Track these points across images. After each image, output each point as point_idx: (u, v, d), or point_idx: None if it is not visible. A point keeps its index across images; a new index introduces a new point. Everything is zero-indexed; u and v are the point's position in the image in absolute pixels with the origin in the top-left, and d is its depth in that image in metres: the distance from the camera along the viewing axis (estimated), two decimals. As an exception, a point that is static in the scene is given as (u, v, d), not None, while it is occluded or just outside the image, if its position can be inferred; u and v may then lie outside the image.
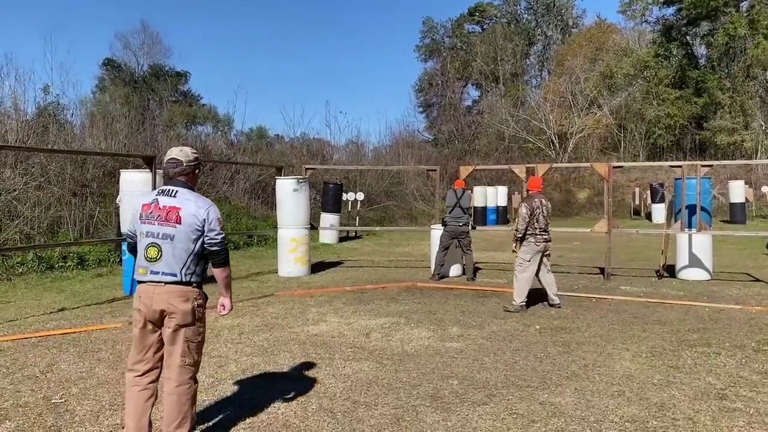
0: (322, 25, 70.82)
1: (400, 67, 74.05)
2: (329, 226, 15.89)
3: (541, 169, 10.35)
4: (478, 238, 14.51)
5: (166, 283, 3.16)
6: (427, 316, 6.89)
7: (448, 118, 41.24)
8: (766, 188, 23.56)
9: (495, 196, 23.14)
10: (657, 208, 23.51)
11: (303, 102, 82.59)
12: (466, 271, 9.79)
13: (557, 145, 34.84)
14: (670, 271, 9.86)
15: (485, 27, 47.41)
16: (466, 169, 11.11)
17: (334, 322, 6.54)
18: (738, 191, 21.60)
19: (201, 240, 3.21)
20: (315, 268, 10.73)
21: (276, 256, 10.53)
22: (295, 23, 70.11)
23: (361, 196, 19.38)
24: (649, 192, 25.32)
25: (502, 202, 23.58)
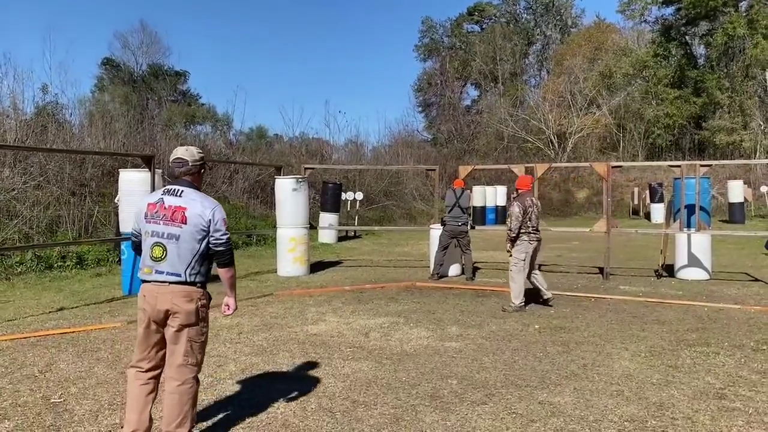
0: (322, 25, 70.89)
1: (400, 66, 74.11)
2: (328, 226, 15.89)
3: (540, 169, 10.36)
4: (477, 238, 14.51)
5: (170, 283, 3.16)
6: (426, 315, 6.89)
7: (447, 118, 41.22)
8: (764, 188, 23.58)
9: (494, 196, 23.15)
10: (656, 208, 23.53)
11: (302, 102, 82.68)
12: (465, 271, 9.80)
13: (556, 145, 34.85)
14: (669, 270, 9.87)
15: (484, 27, 47.42)
16: (465, 169, 11.11)
17: (333, 322, 6.54)
18: (737, 191, 21.61)
19: (206, 240, 3.22)
20: (314, 268, 10.73)
21: (275, 256, 10.53)
22: (295, 23, 70.14)
23: (360, 195, 19.38)
24: (648, 192, 25.34)
25: (501, 201, 23.58)
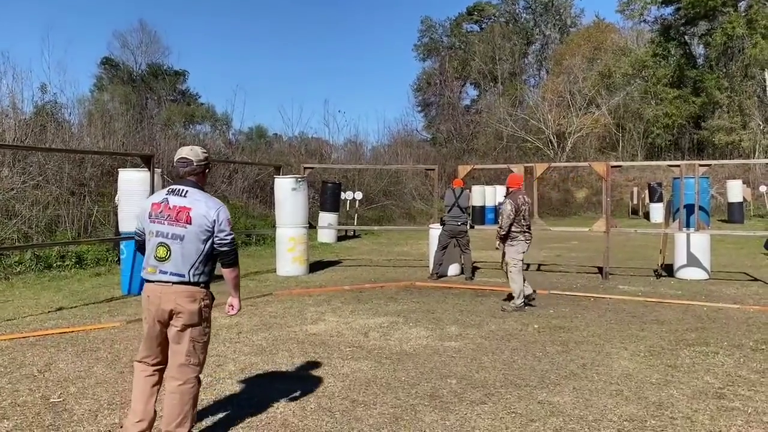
0: (321, 25, 70.80)
1: (399, 66, 74.00)
2: (328, 226, 15.89)
3: (540, 169, 10.37)
4: (477, 238, 14.50)
5: (174, 284, 3.17)
6: (426, 315, 6.89)
7: (447, 118, 41.21)
8: (763, 188, 23.59)
9: (493, 196, 23.13)
10: (655, 208, 23.55)
11: (301, 101, 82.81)
12: (464, 271, 9.80)
13: (555, 145, 34.85)
14: (669, 270, 9.87)
15: (484, 26, 47.41)
16: (464, 169, 11.11)
17: (333, 322, 6.54)
18: (736, 191, 21.62)
19: (210, 240, 3.23)
20: (313, 268, 10.73)
21: (274, 255, 10.52)
22: (294, 22, 70.08)
23: (359, 195, 19.38)
24: (647, 191, 25.36)
25: (501, 201, 23.54)
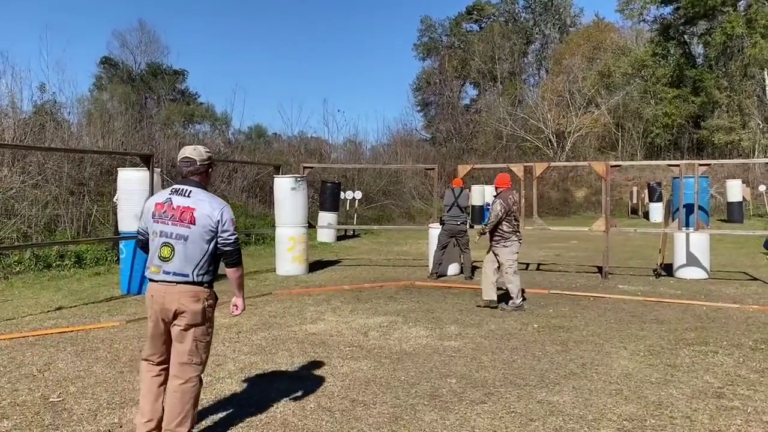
0: (320, 24, 70.72)
1: (398, 65, 73.94)
2: (327, 225, 15.88)
3: (539, 168, 10.37)
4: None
5: (178, 283, 3.18)
6: (425, 314, 6.89)
7: (446, 117, 41.18)
8: (763, 187, 23.59)
9: (493, 195, 23.11)
10: (655, 207, 23.54)
11: (301, 101, 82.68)
12: (464, 270, 9.81)
13: (555, 144, 34.85)
14: (668, 269, 9.88)
15: (483, 26, 47.36)
16: (464, 168, 11.11)
17: (332, 321, 6.54)
18: (735, 190, 21.62)
19: (214, 241, 3.23)
20: (313, 267, 10.73)
21: (274, 255, 10.52)
22: (294, 22, 70.08)
23: (359, 194, 19.37)
24: (646, 191, 25.36)
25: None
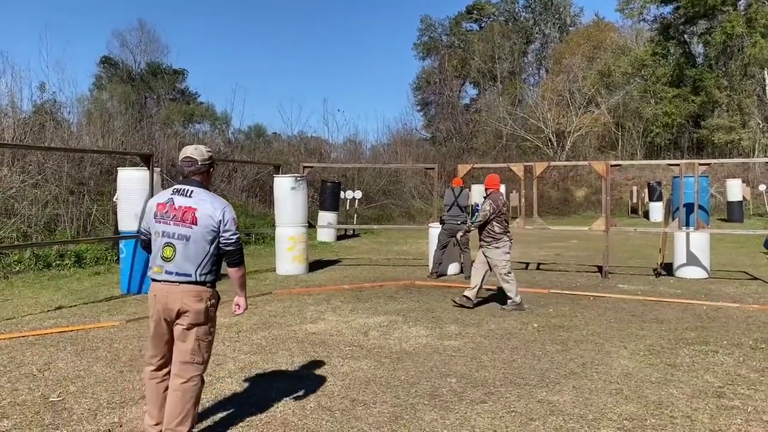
0: (320, 23, 70.73)
1: (398, 65, 73.97)
2: (327, 225, 15.88)
3: (539, 168, 10.36)
4: (476, 237, 14.50)
5: (181, 283, 3.18)
6: (425, 314, 6.89)
7: (446, 117, 41.19)
8: (763, 186, 23.60)
9: (493, 195, 23.10)
10: (655, 207, 23.54)
11: (300, 100, 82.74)
12: (463, 270, 9.80)
13: (555, 144, 34.85)
14: (668, 269, 9.88)
15: (483, 25, 47.38)
16: (464, 168, 11.11)
17: (332, 321, 6.54)
18: (735, 189, 21.62)
19: (216, 240, 3.24)
20: (313, 267, 10.73)
21: (274, 255, 10.52)
22: (294, 22, 70.07)
23: (359, 194, 19.36)
24: (646, 190, 25.35)
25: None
